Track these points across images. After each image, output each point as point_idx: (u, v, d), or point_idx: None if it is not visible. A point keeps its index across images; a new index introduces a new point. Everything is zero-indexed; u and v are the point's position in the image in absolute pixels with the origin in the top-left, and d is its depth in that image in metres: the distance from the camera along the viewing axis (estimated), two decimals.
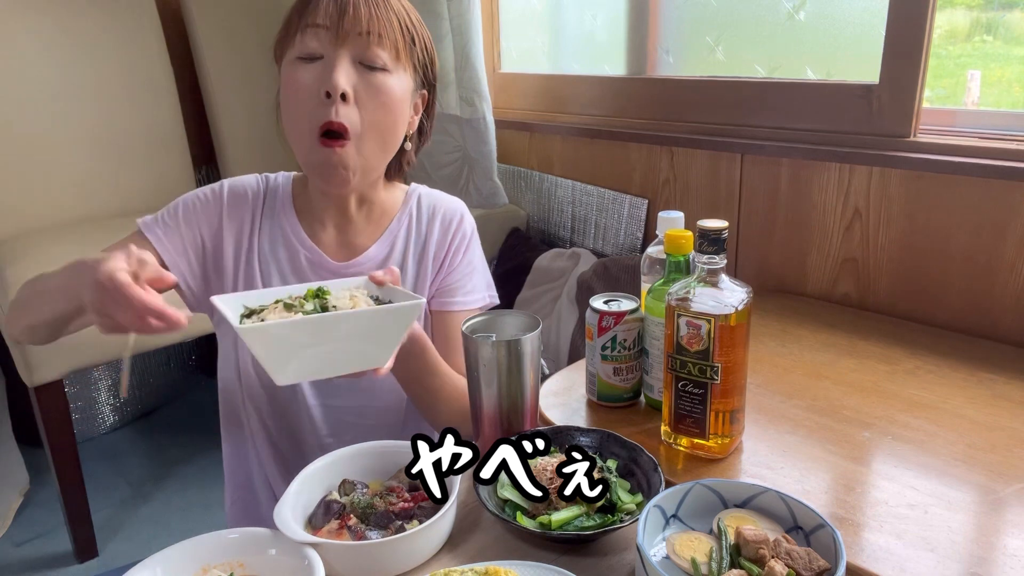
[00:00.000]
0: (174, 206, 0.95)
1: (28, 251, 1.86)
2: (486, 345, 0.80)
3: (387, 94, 0.87)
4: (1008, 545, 0.68)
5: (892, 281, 1.33)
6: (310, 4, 0.86)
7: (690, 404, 0.81)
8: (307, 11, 0.86)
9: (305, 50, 0.85)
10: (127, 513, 1.94)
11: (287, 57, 0.88)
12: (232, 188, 0.97)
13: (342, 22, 0.84)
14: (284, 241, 0.97)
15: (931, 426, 0.89)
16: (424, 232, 1.01)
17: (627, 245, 1.80)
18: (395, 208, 1.01)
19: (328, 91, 0.83)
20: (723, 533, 0.65)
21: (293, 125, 0.88)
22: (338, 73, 0.84)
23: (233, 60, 2.33)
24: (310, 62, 0.85)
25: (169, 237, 0.92)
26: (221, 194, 0.97)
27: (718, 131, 1.58)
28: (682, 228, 0.92)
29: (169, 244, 0.92)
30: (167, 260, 0.92)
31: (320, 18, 0.84)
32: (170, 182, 2.29)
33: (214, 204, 0.96)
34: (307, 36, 0.85)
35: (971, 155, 1.21)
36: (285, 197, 0.99)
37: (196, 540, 0.67)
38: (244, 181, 0.99)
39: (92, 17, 2.13)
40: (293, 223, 0.97)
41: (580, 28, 2.01)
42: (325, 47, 0.85)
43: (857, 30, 1.41)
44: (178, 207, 0.95)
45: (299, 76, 0.85)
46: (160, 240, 0.92)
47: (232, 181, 0.99)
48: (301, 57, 0.86)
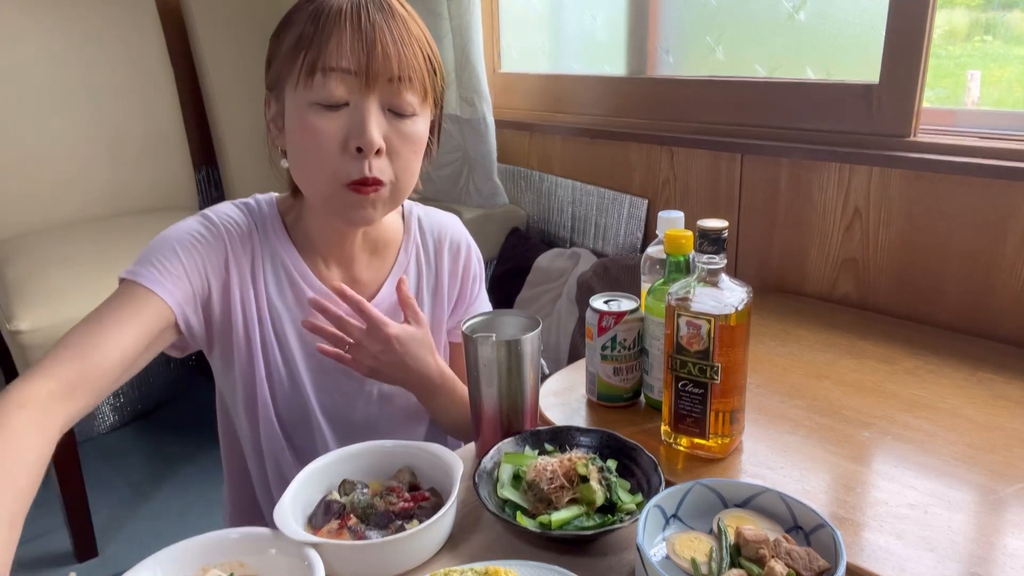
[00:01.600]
0: (166, 248, 0.82)
1: (28, 251, 1.86)
2: (486, 345, 0.80)
3: (417, 141, 0.82)
4: (1008, 545, 0.68)
5: (892, 281, 1.33)
6: (328, 43, 0.76)
7: (690, 404, 0.81)
8: (326, 51, 0.76)
9: (328, 98, 0.77)
10: (127, 513, 1.94)
11: (299, 99, 0.79)
12: (227, 225, 0.87)
13: (371, 67, 0.76)
14: (289, 282, 0.90)
15: (931, 426, 0.89)
16: (435, 265, 0.99)
17: (627, 245, 1.80)
18: (397, 236, 0.96)
19: (360, 147, 0.77)
20: (723, 533, 0.65)
21: (312, 174, 0.81)
22: (372, 129, 0.77)
23: (233, 60, 2.33)
24: (333, 110, 0.78)
25: (176, 283, 0.81)
26: (219, 233, 0.86)
27: (718, 131, 1.58)
28: (682, 228, 0.92)
29: (177, 292, 0.81)
30: (175, 310, 0.81)
31: (345, 61, 0.76)
32: (170, 182, 2.29)
33: (216, 245, 0.85)
34: (330, 81, 0.76)
35: (971, 155, 1.21)
36: (277, 229, 0.90)
37: (196, 540, 0.67)
38: (231, 215, 0.88)
39: (92, 17, 2.13)
40: (295, 259, 0.90)
41: (580, 28, 2.01)
42: (351, 94, 0.77)
43: (857, 30, 1.41)
44: (173, 249, 0.82)
45: (321, 126, 0.77)
46: (168, 289, 0.80)
47: (221, 216, 0.88)
48: (320, 103, 0.77)
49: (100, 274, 1.71)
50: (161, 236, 0.85)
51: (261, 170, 2.41)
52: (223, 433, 1.00)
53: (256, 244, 0.88)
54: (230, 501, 1.04)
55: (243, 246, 0.87)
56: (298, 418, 0.94)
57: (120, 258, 1.82)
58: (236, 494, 1.03)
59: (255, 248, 0.88)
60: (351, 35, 0.76)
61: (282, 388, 0.92)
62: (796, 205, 1.45)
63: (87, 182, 2.14)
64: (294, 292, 0.90)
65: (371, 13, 0.77)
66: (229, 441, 1.00)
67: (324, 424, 0.95)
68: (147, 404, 2.39)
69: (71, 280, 1.68)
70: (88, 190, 2.14)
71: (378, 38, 0.77)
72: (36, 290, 1.65)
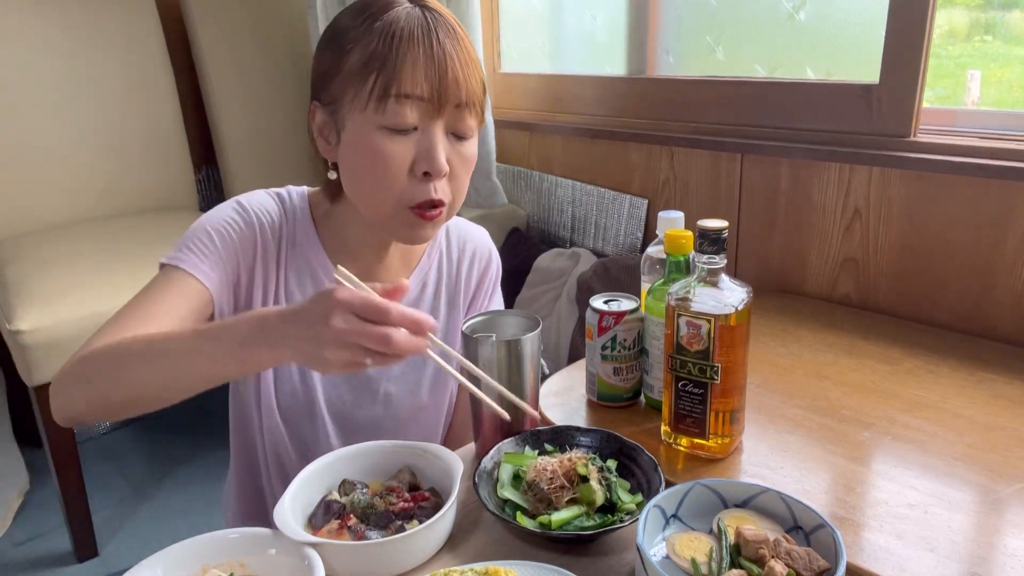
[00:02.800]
0: (203, 234, 0.84)
1: (28, 251, 1.86)
2: (486, 345, 0.80)
3: (472, 161, 0.84)
4: (1008, 545, 0.68)
5: (892, 281, 1.33)
6: (403, 68, 0.76)
7: (690, 404, 0.81)
8: (400, 77, 0.76)
9: (400, 124, 0.77)
10: (127, 513, 1.94)
11: (366, 120, 0.78)
12: (259, 214, 0.88)
13: (442, 95, 0.77)
14: (312, 278, 0.90)
15: (931, 426, 0.89)
16: (455, 272, 0.99)
17: (627, 245, 1.80)
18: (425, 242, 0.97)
19: (428, 172, 0.79)
20: (723, 533, 0.65)
21: (376, 195, 0.81)
22: (441, 155, 0.78)
23: (233, 60, 2.33)
24: (402, 134, 0.78)
25: (213, 268, 0.83)
26: (251, 221, 0.87)
27: (718, 131, 1.58)
28: (682, 228, 0.92)
29: (214, 276, 0.83)
30: (214, 294, 0.83)
31: (419, 89, 0.76)
32: (170, 182, 2.29)
33: (248, 233, 0.86)
34: (403, 107, 0.77)
35: (971, 155, 1.21)
36: (306, 223, 0.91)
37: (196, 540, 0.67)
38: (265, 204, 0.89)
39: (92, 17, 2.14)
40: (319, 256, 0.90)
41: (580, 28, 2.01)
42: (420, 119, 0.78)
43: (857, 30, 1.41)
44: (211, 236, 0.84)
45: (389, 149, 0.78)
46: (206, 274, 0.82)
47: (255, 204, 0.89)
48: (390, 127, 0.78)
49: (100, 274, 1.71)
50: (198, 221, 0.86)
51: (261, 170, 2.42)
52: (233, 416, 0.99)
53: (284, 236, 0.89)
54: (234, 487, 1.03)
55: (272, 236, 0.88)
56: (303, 412, 0.94)
57: (120, 258, 1.83)
58: (240, 481, 1.02)
59: (282, 240, 0.89)
60: (424, 61, 0.76)
61: (290, 381, 0.92)
62: (796, 205, 1.45)
63: (87, 182, 2.14)
64: (315, 288, 0.90)
65: (441, 38, 0.78)
66: (239, 424, 0.99)
67: (328, 420, 0.95)
68: None
69: (71, 280, 1.68)
70: (88, 190, 2.14)
71: (448, 65, 0.77)
72: (36, 290, 1.65)
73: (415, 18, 0.78)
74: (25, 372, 1.62)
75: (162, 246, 0.87)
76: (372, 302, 0.60)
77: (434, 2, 0.82)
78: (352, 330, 0.60)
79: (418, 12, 0.78)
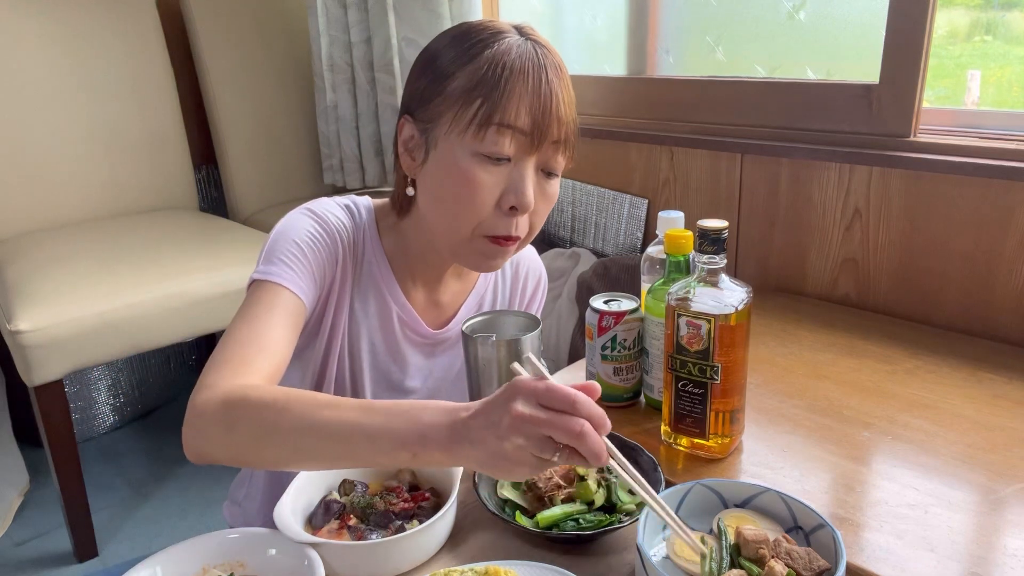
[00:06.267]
0: (291, 245, 0.82)
1: (28, 251, 1.86)
2: (486, 345, 0.80)
3: (555, 199, 0.84)
4: (1008, 545, 0.68)
5: (892, 281, 1.33)
6: (509, 100, 0.76)
7: (690, 404, 0.81)
8: (506, 107, 0.76)
9: (497, 153, 0.77)
10: (127, 513, 1.94)
11: (463, 145, 0.78)
12: (338, 227, 0.86)
13: (543, 130, 0.77)
14: (375, 294, 0.89)
15: (931, 426, 0.89)
16: (508, 293, 1.01)
17: (627, 245, 1.80)
18: None
19: (515, 207, 0.78)
20: (723, 533, 0.65)
21: (457, 220, 0.80)
22: (529, 190, 0.78)
23: (233, 60, 2.33)
24: (495, 164, 0.78)
25: (305, 281, 0.82)
26: (332, 234, 0.86)
27: (718, 131, 1.58)
28: (682, 228, 0.92)
29: (308, 289, 0.82)
30: (306, 303, 0.82)
31: (521, 121, 0.76)
32: (170, 182, 2.29)
33: (332, 246, 0.86)
34: (503, 138, 0.76)
35: (971, 155, 1.21)
36: (373, 239, 0.90)
37: (196, 540, 0.68)
38: (340, 217, 0.88)
39: (92, 17, 2.13)
40: (385, 273, 0.89)
41: (580, 28, 2.01)
42: (516, 152, 0.78)
43: (857, 30, 1.41)
44: (299, 247, 0.83)
45: (480, 176, 0.77)
46: (302, 288, 0.81)
47: (331, 217, 0.87)
48: (486, 155, 0.77)
49: (100, 274, 1.71)
50: (280, 233, 0.84)
51: (261, 170, 2.42)
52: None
53: (357, 252, 0.89)
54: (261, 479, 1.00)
55: (349, 251, 0.87)
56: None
57: (120, 258, 1.83)
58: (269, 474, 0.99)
59: (355, 255, 0.88)
60: (531, 96, 0.76)
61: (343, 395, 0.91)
62: (796, 205, 1.45)
63: (87, 182, 2.14)
64: (377, 305, 0.90)
65: (548, 75, 0.77)
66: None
67: None
68: (147, 404, 2.39)
69: (71, 280, 1.68)
70: (88, 190, 2.14)
71: (553, 102, 0.77)
72: (36, 290, 1.65)
73: (526, 52, 0.77)
74: (25, 372, 1.62)
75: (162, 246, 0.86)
76: (557, 389, 0.55)
77: (542, 37, 0.81)
78: (534, 416, 0.55)
79: (530, 47, 0.78)
